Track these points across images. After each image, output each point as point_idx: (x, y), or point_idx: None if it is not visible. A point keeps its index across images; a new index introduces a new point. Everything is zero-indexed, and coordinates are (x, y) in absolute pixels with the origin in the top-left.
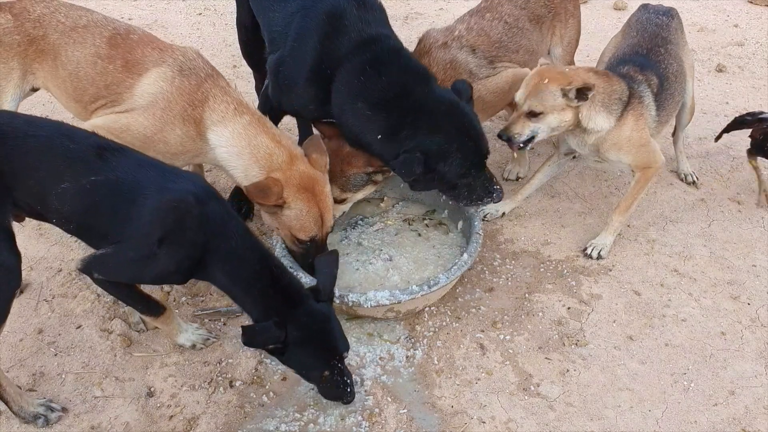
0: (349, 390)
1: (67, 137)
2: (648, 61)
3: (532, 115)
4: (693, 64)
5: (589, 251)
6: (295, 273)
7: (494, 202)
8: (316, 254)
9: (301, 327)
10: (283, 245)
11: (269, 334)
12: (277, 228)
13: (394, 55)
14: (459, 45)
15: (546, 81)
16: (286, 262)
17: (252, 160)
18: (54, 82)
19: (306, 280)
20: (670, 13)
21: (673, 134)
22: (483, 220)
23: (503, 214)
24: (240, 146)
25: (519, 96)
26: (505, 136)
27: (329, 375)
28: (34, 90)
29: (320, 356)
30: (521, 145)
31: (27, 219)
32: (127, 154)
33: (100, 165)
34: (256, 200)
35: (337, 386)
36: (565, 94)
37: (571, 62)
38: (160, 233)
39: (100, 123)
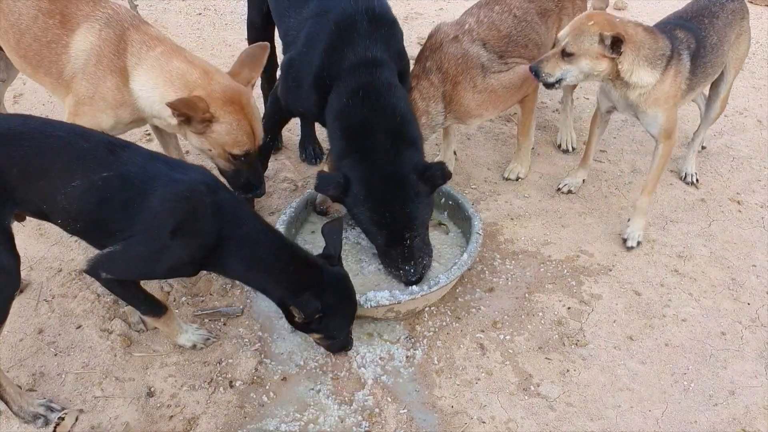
0: (350, 338)
1: (81, 137)
2: (689, 24)
3: (566, 54)
4: (742, 58)
5: (629, 243)
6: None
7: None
8: (249, 171)
9: (330, 294)
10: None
11: (312, 305)
12: (208, 150)
13: (383, 89)
14: (470, 39)
15: (591, 23)
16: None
17: (166, 86)
18: (0, 35)
19: None
20: None
21: (696, 131)
22: (568, 192)
23: (583, 181)
24: (154, 78)
25: (561, 33)
26: (534, 69)
27: (350, 330)
28: None
29: (349, 316)
30: (549, 83)
31: (27, 219)
32: (134, 149)
33: (111, 160)
34: (183, 111)
35: (347, 338)
36: (602, 41)
37: None
38: (173, 224)
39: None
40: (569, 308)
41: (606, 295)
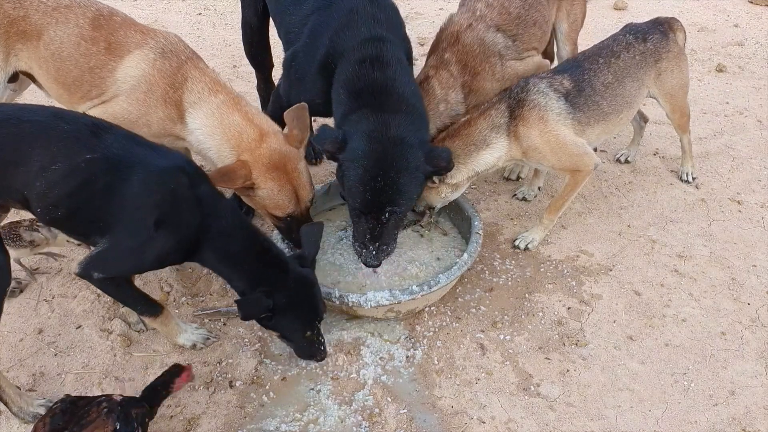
0: (322, 348)
1: (61, 119)
2: (572, 66)
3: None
4: (673, 92)
5: (517, 242)
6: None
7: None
8: (298, 228)
9: (286, 293)
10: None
11: (262, 303)
12: (253, 206)
13: (390, 59)
14: (485, 25)
15: None
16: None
17: (223, 140)
18: (38, 63)
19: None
20: (643, 36)
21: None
22: (522, 200)
23: (539, 188)
24: (213, 126)
25: None
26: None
27: (309, 335)
28: (13, 80)
29: (304, 319)
30: (428, 219)
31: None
32: (117, 132)
33: (95, 143)
34: (221, 185)
35: (313, 345)
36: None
37: (575, 40)
38: (157, 215)
39: None
40: (569, 308)
41: (606, 295)
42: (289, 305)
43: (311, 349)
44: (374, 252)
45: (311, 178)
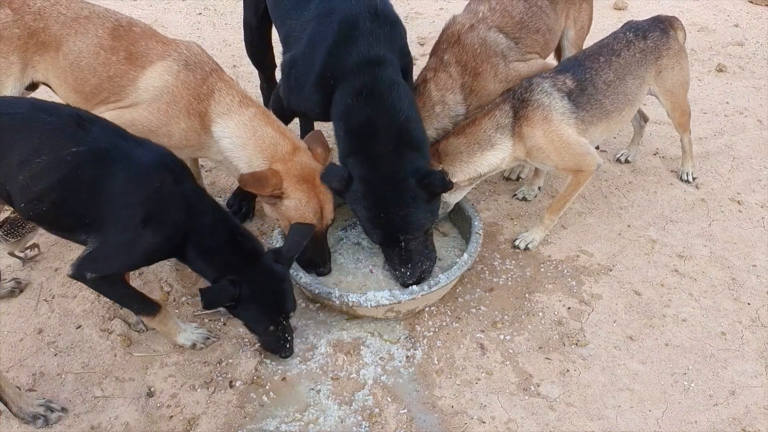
0: (288, 345)
1: (43, 111)
2: (574, 65)
3: None
4: (674, 89)
5: (517, 242)
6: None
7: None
8: (314, 248)
9: (254, 285)
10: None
11: (226, 292)
12: (277, 219)
13: (385, 89)
14: (486, 26)
15: None
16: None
17: (257, 150)
18: (55, 74)
19: (306, 280)
20: (643, 34)
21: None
22: (523, 200)
23: (539, 188)
24: (245, 137)
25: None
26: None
27: (273, 330)
28: (33, 87)
29: (269, 313)
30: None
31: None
32: (104, 124)
33: (81, 135)
34: (251, 189)
35: (278, 341)
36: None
37: (581, 47)
38: (143, 213)
39: None
40: (569, 308)
41: (606, 295)
42: (253, 297)
43: (276, 343)
44: (408, 272)
45: (334, 199)
